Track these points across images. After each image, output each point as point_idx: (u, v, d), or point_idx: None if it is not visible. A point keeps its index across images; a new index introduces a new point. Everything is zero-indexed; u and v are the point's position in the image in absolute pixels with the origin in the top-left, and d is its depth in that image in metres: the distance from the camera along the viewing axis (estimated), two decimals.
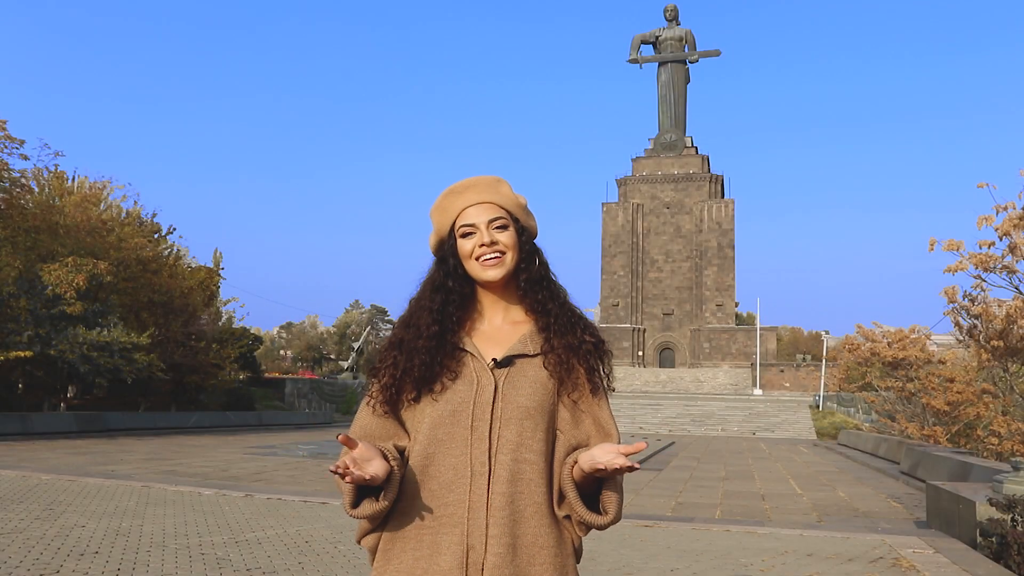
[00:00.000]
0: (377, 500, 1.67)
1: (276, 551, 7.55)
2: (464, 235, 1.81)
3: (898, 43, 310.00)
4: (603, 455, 1.62)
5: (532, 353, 1.78)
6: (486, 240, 1.79)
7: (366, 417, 1.81)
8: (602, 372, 1.84)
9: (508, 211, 1.84)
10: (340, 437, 1.63)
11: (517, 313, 1.86)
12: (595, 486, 1.72)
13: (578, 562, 1.80)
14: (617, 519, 1.71)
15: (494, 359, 1.76)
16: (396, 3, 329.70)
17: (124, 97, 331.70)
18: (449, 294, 1.81)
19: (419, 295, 1.88)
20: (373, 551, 1.77)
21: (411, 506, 1.71)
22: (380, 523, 1.74)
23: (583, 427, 1.78)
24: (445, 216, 1.85)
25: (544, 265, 1.88)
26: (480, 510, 1.66)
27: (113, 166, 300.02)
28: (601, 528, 1.71)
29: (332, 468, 1.58)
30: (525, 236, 1.86)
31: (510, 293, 1.86)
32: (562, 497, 1.73)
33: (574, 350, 1.78)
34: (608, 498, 1.70)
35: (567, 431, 1.78)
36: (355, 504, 1.68)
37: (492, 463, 1.68)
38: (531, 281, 1.83)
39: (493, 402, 1.72)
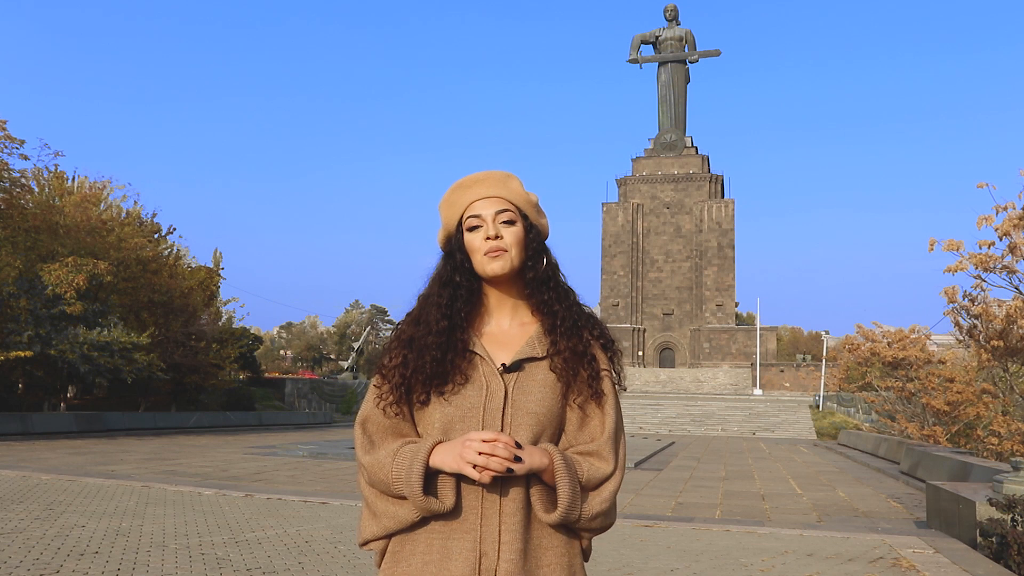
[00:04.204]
0: (437, 499, 1.65)
1: (276, 551, 7.55)
2: (471, 228, 1.79)
3: (898, 43, 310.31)
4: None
5: (540, 356, 1.77)
6: (491, 233, 1.76)
7: (381, 418, 1.77)
8: (612, 373, 1.82)
9: (517, 207, 1.81)
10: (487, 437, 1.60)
11: (524, 313, 1.84)
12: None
13: (586, 560, 1.80)
14: (569, 517, 1.67)
15: (503, 364, 1.74)
16: (396, 3, 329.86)
17: (124, 97, 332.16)
18: (457, 289, 1.79)
19: (427, 290, 1.85)
20: (381, 553, 1.75)
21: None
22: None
23: (588, 430, 1.77)
24: (453, 210, 1.83)
25: (553, 266, 1.85)
26: (493, 517, 1.65)
27: (113, 166, 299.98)
28: (553, 524, 1.68)
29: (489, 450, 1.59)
30: (533, 233, 1.83)
31: (517, 291, 1.83)
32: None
33: (579, 355, 1.76)
34: (558, 494, 1.68)
35: (571, 433, 1.77)
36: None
37: None
38: (537, 281, 1.81)
39: (503, 408, 1.70)
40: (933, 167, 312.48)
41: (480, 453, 1.58)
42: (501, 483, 1.65)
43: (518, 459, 1.61)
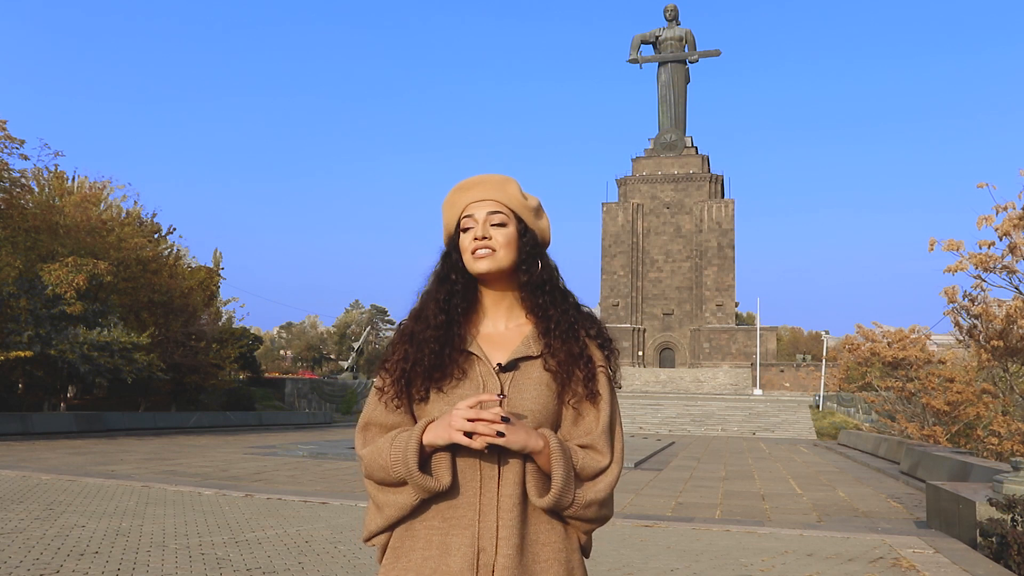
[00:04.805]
0: (433, 477, 1.67)
1: (276, 551, 7.55)
2: (465, 229, 1.85)
3: (898, 43, 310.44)
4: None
5: (535, 354, 1.80)
6: (479, 234, 1.81)
7: (383, 414, 1.81)
8: (608, 370, 1.84)
9: (512, 209, 1.85)
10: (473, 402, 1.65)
11: (519, 315, 1.88)
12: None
13: (587, 557, 1.82)
14: (562, 502, 1.68)
15: (499, 364, 1.78)
16: (395, 3, 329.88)
17: (124, 97, 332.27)
18: (453, 286, 1.84)
19: (427, 287, 1.91)
20: (383, 549, 1.78)
21: (422, 505, 1.72)
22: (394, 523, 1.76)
23: (583, 425, 1.80)
24: (452, 210, 1.89)
25: (549, 269, 1.88)
26: (491, 513, 1.67)
27: (113, 166, 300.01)
28: (546, 509, 1.70)
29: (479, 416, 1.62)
30: (527, 236, 1.85)
31: (512, 293, 1.87)
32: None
33: (575, 356, 1.79)
34: (552, 477, 1.69)
35: (567, 429, 1.80)
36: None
37: (501, 466, 1.70)
38: (532, 284, 1.84)
39: (500, 406, 1.72)
40: (933, 167, 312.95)
41: (468, 420, 1.62)
42: (498, 482, 1.68)
43: (507, 420, 1.63)
